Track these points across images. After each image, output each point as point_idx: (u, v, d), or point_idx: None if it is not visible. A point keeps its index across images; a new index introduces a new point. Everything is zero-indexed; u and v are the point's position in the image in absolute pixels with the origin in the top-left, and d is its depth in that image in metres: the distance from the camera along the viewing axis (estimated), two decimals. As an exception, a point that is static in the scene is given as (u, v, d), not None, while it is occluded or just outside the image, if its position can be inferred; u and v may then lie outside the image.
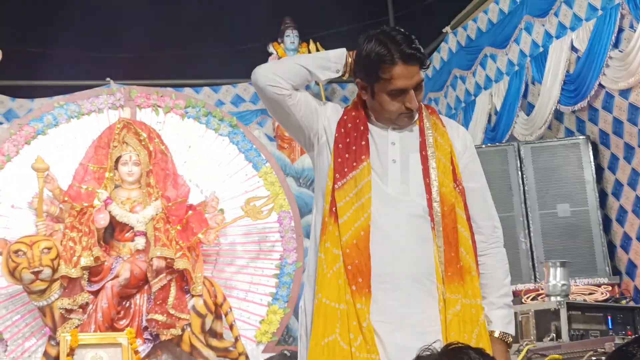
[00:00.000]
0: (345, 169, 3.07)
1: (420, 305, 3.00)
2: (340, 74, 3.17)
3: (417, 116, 3.14)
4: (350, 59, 3.15)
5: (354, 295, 2.96)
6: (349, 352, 2.94)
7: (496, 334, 3.10)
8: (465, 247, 3.07)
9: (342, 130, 3.13)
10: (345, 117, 3.16)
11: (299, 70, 3.09)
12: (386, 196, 3.05)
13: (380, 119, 3.14)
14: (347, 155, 3.09)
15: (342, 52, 3.15)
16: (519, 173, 6.58)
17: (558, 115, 6.90)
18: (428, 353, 1.93)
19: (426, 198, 3.06)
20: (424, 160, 3.10)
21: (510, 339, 3.12)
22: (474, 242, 3.11)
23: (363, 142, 3.10)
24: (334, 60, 3.14)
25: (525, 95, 7.31)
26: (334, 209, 3.05)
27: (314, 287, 3.05)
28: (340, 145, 3.11)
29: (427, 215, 3.05)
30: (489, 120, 7.82)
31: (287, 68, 3.10)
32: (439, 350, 1.94)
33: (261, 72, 3.07)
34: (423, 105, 3.19)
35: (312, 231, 3.16)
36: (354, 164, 3.07)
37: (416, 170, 3.10)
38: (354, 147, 3.09)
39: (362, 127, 3.12)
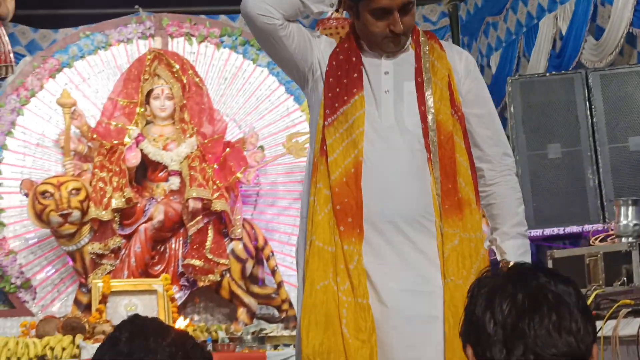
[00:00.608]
0: (336, 104, 3.12)
1: (418, 244, 3.03)
2: (334, 8, 3.23)
3: (409, 42, 3.17)
4: None
5: (342, 236, 3.00)
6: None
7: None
8: (464, 178, 3.10)
9: (334, 63, 3.17)
10: (337, 50, 3.20)
11: (291, 0, 3.10)
12: (380, 129, 3.09)
13: (372, 46, 3.16)
14: (337, 90, 3.13)
15: None
16: (587, 103, 6.48)
17: (630, 39, 6.77)
18: (489, 276, 1.89)
19: (421, 127, 3.09)
20: (419, 87, 3.14)
21: None
22: (473, 172, 3.16)
23: (355, 75, 3.13)
24: None
25: (593, 18, 7.18)
26: (324, 147, 3.09)
27: (305, 230, 3.11)
28: (331, 79, 3.15)
29: (423, 146, 3.09)
30: (554, 46, 7.70)
31: None
32: (502, 273, 1.89)
33: (251, 1, 3.08)
34: (421, 31, 3.24)
35: (306, 173, 3.22)
36: (345, 98, 3.11)
37: (411, 99, 3.13)
38: (345, 81, 3.13)
39: (354, 59, 3.16)
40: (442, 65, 3.17)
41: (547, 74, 6.79)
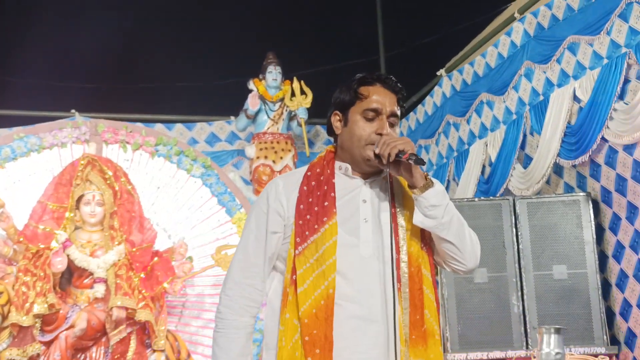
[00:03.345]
0: (306, 232, 3.10)
1: None
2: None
3: (386, 172, 3.13)
4: None
5: None
6: None
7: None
8: (430, 310, 3.10)
9: (305, 188, 3.17)
10: (309, 174, 3.20)
11: None
12: (357, 259, 3.08)
13: (354, 164, 3.17)
14: (308, 217, 3.11)
15: None
16: (514, 230, 6.59)
17: (557, 170, 6.93)
18: None
19: (395, 258, 3.07)
20: (394, 218, 3.13)
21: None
22: (438, 304, 3.15)
23: (326, 203, 3.11)
24: None
25: (522, 147, 7.34)
26: (294, 277, 3.07)
27: None
28: (301, 206, 3.14)
29: (395, 277, 3.06)
30: (483, 172, 7.85)
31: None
32: None
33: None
34: None
35: (269, 303, 3.19)
36: (315, 226, 3.09)
37: (386, 229, 3.12)
38: (316, 208, 3.12)
39: (325, 187, 3.15)
40: (410, 195, 3.15)
41: (476, 199, 6.90)
